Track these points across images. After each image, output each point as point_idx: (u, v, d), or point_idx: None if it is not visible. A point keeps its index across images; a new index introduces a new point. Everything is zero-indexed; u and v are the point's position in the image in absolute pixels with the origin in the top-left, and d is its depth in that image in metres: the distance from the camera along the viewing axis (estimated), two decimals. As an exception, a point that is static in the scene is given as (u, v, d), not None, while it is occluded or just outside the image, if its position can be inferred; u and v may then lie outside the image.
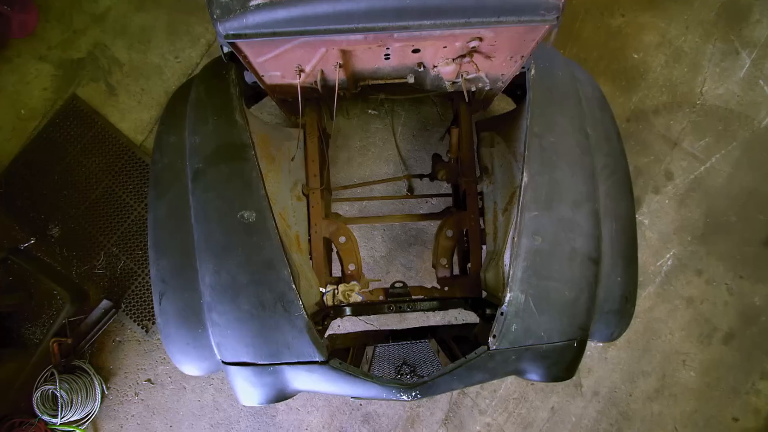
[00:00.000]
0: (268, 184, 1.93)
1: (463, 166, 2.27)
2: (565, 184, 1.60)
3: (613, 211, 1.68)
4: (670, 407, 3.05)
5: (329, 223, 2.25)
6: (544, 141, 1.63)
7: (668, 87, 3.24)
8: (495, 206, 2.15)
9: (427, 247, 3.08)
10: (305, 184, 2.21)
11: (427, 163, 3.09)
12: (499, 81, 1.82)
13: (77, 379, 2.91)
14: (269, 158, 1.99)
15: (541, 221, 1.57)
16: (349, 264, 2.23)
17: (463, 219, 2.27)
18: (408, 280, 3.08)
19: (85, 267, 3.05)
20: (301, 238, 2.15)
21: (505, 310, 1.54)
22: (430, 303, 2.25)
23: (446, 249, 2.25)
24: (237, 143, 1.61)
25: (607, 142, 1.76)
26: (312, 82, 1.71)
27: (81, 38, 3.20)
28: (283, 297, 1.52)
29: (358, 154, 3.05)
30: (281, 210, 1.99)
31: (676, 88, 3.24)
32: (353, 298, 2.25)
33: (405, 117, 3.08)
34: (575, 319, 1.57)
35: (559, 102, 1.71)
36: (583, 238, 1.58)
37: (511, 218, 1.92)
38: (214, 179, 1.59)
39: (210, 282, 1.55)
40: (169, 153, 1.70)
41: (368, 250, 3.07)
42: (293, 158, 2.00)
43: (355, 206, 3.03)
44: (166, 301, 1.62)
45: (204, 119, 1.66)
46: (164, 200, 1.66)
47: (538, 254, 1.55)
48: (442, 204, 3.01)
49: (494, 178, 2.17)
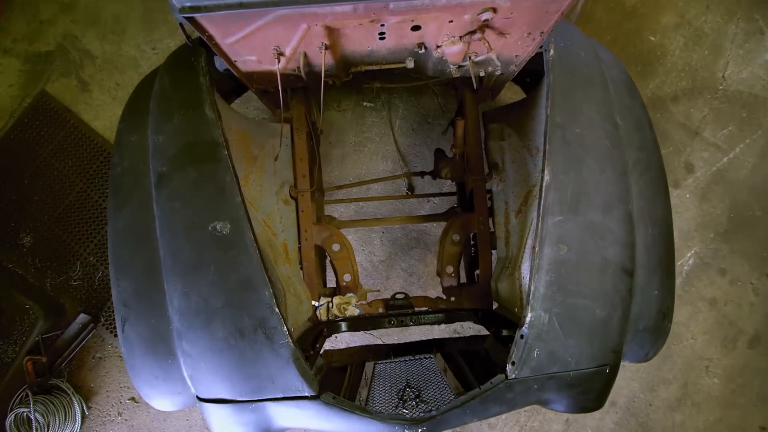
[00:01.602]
0: (250, 187, 1.69)
1: (470, 162, 2.03)
2: (593, 183, 1.37)
3: (647, 214, 1.45)
4: (692, 417, 2.85)
5: (321, 229, 2.02)
6: (568, 133, 1.40)
7: (688, 72, 2.99)
8: (507, 207, 1.92)
9: (429, 250, 2.85)
10: (293, 186, 1.98)
11: (429, 159, 2.85)
12: (512, 64, 1.58)
13: (54, 400, 2.70)
14: (250, 158, 1.75)
15: (566, 227, 1.33)
16: (344, 275, 2.00)
17: (470, 221, 2.03)
18: (410, 286, 2.85)
19: (60, 278, 2.82)
20: (290, 247, 1.92)
21: (525, 332, 1.31)
22: (435, 315, 2.03)
23: (452, 255, 2.02)
24: (207, 142, 1.37)
25: (638, 134, 1.52)
26: (294, 68, 1.46)
27: (49, 29, 2.95)
28: (264, 322, 1.29)
29: (353, 151, 2.81)
30: (265, 216, 1.75)
31: (697, 73, 2.99)
32: (350, 312, 2.03)
33: (403, 109, 2.84)
34: (607, 341, 1.35)
35: (583, 87, 1.47)
36: (615, 247, 1.35)
37: (527, 221, 1.69)
38: (180, 185, 1.36)
39: (179, 306, 1.32)
40: (129, 155, 1.46)
41: (366, 255, 2.84)
42: (276, 157, 1.76)
43: (351, 208, 2.80)
44: (129, 328, 1.39)
45: (168, 115, 1.42)
46: (124, 211, 1.42)
47: (563, 266, 1.32)
48: (446, 204, 2.78)
49: (505, 175, 1.93)
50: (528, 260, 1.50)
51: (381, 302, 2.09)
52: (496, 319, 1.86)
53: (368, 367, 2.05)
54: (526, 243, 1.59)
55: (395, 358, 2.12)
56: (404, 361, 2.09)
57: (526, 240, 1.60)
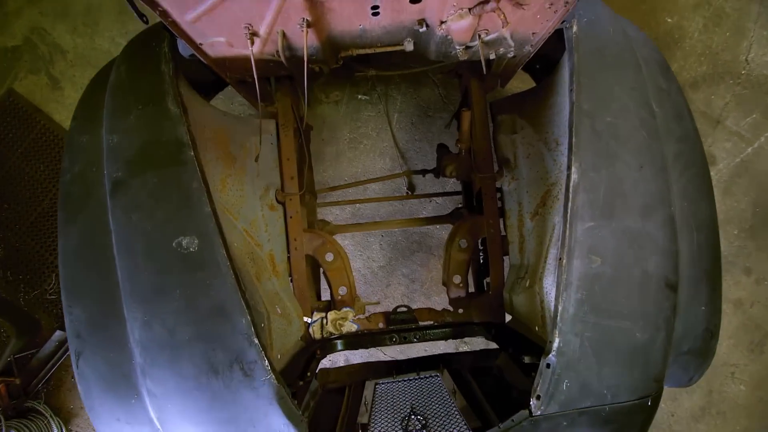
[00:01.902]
0: (227, 192, 1.48)
1: (478, 158, 1.81)
2: (629, 181, 1.15)
3: (691, 217, 1.24)
4: (717, 427, 2.66)
5: (312, 237, 1.80)
6: (598, 122, 1.18)
7: (708, 55, 2.77)
8: (520, 208, 1.71)
9: (432, 254, 2.64)
10: (280, 189, 1.76)
11: (430, 155, 2.63)
12: (527, 44, 1.36)
13: (31, 424, 2.50)
14: (228, 159, 1.54)
15: (599, 235, 1.12)
16: (339, 287, 1.79)
17: (479, 225, 1.82)
18: (412, 293, 2.64)
19: (35, 292, 2.61)
20: (278, 258, 1.71)
21: (553, 361, 1.11)
22: (442, 330, 1.82)
23: (460, 264, 1.81)
24: (169, 141, 1.16)
25: (678, 122, 1.30)
26: (273, 53, 1.24)
27: (15, 22, 2.71)
28: (241, 356, 1.08)
29: (348, 148, 2.59)
30: (247, 225, 1.54)
31: (717, 57, 2.77)
32: (347, 328, 1.82)
33: (401, 102, 2.61)
34: (649, 369, 1.14)
35: (613, 68, 1.25)
36: (656, 257, 1.14)
37: (546, 225, 1.48)
38: (138, 194, 1.14)
39: (140, 338, 1.11)
40: (80, 159, 1.25)
41: (364, 261, 2.63)
42: (257, 158, 1.55)
43: (347, 210, 2.59)
44: (85, 363, 1.18)
45: (124, 110, 1.20)
46: (76, 226, 1.21)
47: (597, 281, 1.11)
48: (450, 204, 2.56)
49: (518, 172, 1.71)
50: (553, 273, 1.29)
51: (381, 316, 1.88)
52: (512, 336, 1.65)
53: (368, 387, 1.84)
54: (548, 252, 1.38)
55: (398, 377, 1.92)
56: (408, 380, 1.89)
57: (548, 248, 1.39)
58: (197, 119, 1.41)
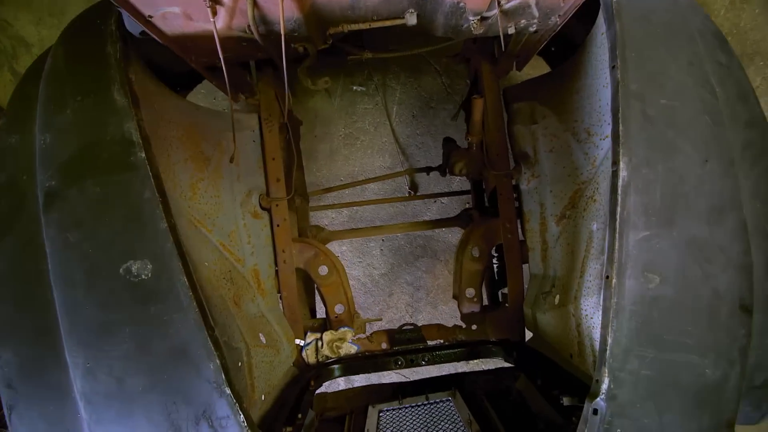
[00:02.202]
0: (198, 200, 1.24)
1: (491, 153, 1.58)
2: (693, 179, 0.92)
3: (766, 221, 1.00)
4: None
5: (303, 248, 1.57)
6: (651, 105, 0.95)
7: (735, 34, 2.53)
8: (543, 210, 1.48)
9: (438, 258, 2.41)
10: (264, 194, 1.53)
11: (434, 151, 2.39)
12: (555, 13, 1.12)
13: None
14: (200, 160, 1.30)
15: (657, 247, 0.90)
16: (335, 305, 1.56)
17: (493, 230, 1.59)
18: (417, 302, 2.42)
19: None
20: (263, 273, 1.48)
21: (602, 406, 0.88)
22: (454, 351, 1.60)
23: (473, 275, 1.58)
24: (115, 140, 0.92)
25: (744, 105, 1.07)
26: (243, 28, 1.01)
27: (-27, 14, 2.46)
28: (210, 410, 0.86)
29: (343, 145, 2.36)
30: (224, 238, 1.31)
31: (746, 36, 2.52)
32: (345, 350, 1.60)
33: (401, 92, 2.38)
34: (721, 412, 0.92)
35: (664, 38, 1.02)
36: (728, 273, 0.91)
37: (578, 231, 1.25)
38: (76, 207, 0.91)
39: (83, 389, 0.88)
40: (9, 164, 1.01)
41: (364, 268, 2.40)
42: (232, 158, 1.31)
43: (344, 213, 2.36)
44: (18, 420, 0.95)
45: (60, 103, 0.97)
46: (4, 247, 0.97)
47: (655, 305, 0.89)
48: (456, 205, 2.33)
49: (539, 168, 1.48)
50: (596, 294, 1.06)
51: (384, 335, 1.66)
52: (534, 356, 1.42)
53: (371, 414, 1.63)
54: (585, 265, 1.15)
55: (405, 402, 1.70)
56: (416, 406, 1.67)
57: (584, 261, 1.16)
58: (159, 113, 1.18)
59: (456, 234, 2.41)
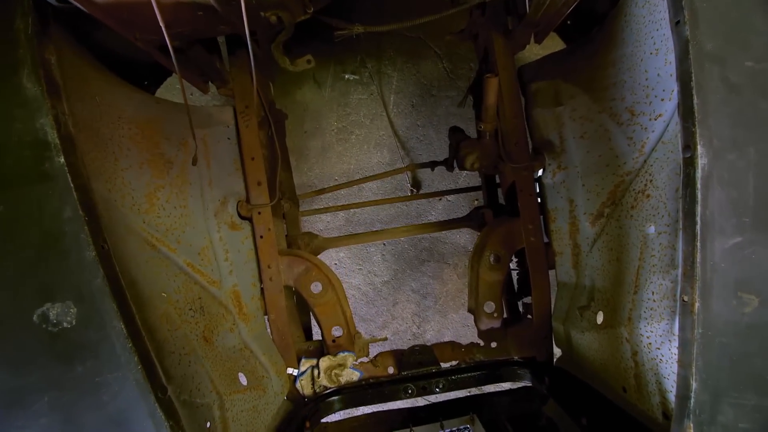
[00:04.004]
0: (158, 212, 1.02)
1: (508, 142, 1.35)
2: (795, 165, 0.69)
3: None
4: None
5: (292, 262, 1.34)
6: (733, 70, 0.72)
7: None
8: (573, 208, 1.25)
9: (446, 262, 2.19)
10: (244, 200, 1.30)
11: (437, 144, 2.16)
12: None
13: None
14: (158, 164, 1.07)
15: (753, 258, 0.67)
16: (332, 328, 1.34)
17: (513, 232, 1.37)
18: (424, 312, 2.19)
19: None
20: (245, 295, 1.25)
21: (686, 472, 0.66)
22: (473, 375, 1.38)
23: (492, 286, 1.36)
24: (24, 141, 0.69)
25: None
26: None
27: None
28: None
29: (336, 141, 2.12)
30: (192, 257, 1.08)
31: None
32: (346, 377, 1.39)
33: (398, 80, 2.14)
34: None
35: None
36: None
37: (627, 234, 1.02)
38: (-28, 234, 0.67)
39: (-8, 476, 0.65)
40: None
41: (364, 275, 2.18)
42: (195, 160, 1.08)
43: (340, 216, 2.13)
44: None
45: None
46: None
47: (754, 336, 0.67)
48: (464, 202, 2.10)
49: (567, 159, 1.26)
50: (666, 319, 0.83)
51: (391, 357, 1.44)
52: (574, 386, 1.20)
53: (380, 445, 1.41)
54: (640, 278, 0.92)
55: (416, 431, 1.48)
56: (430, 435, 1.45)
57: (638, 271, 0.93)
58: (103, 107, 0.95)
59: (465, 234, 2.19)
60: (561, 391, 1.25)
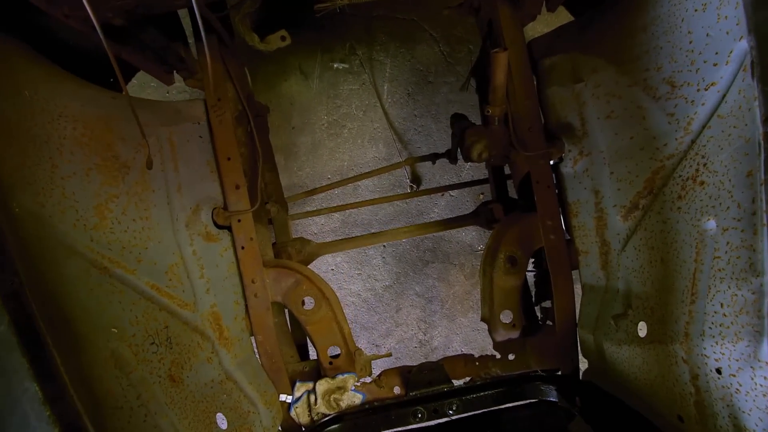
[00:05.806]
0: (111, 226, 0.86)
1: (520, 127, 1.18)
2: None
3: None
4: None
5: (280, 274, 1.18)
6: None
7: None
8: (599, 199, 1.09)
9: (452, 262, 2.03)
10: (221, 207, 1.13)
11: (437, 135, 2.00)
12: None
13: None
14: (112, 168, 0.90)
15: None
16: (327, 348, 1.18)
17: (530, 229, 1.20)
18: (430, 317, 2.03)
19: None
20: (226, 316, 1.09)
21: None
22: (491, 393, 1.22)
23: (509, 293, 1.20)
24: None
25: None
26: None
27: None
28: None
29: (327, 136, 1.96)
30: (157, 278, 0.91)
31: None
32: (347, 401, 1.23)
33: (392, 66, 1.97)
34: None
35: None
36: None
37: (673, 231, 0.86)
38: None
39: None
40: None
41: (364, 280, 2.02)
42: (149, 163, 0.91)
43: (335, 218, 1.96)
44: None
45: None
46: None
47: None
48: (469, 197, 1.94)
49: (590, 143, 1.09)
50: (745, 339, 0.66)
51: (397, 376, 1.29)
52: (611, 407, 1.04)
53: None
54: (698, 285, 0.75)
55: (427, 453, 1.34)
56: (443, 461, 1.31)
57: (694, 275, 0.76)
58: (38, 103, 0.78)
59: (471, 232, 2.02)
60: (591, 408, 1.09)
